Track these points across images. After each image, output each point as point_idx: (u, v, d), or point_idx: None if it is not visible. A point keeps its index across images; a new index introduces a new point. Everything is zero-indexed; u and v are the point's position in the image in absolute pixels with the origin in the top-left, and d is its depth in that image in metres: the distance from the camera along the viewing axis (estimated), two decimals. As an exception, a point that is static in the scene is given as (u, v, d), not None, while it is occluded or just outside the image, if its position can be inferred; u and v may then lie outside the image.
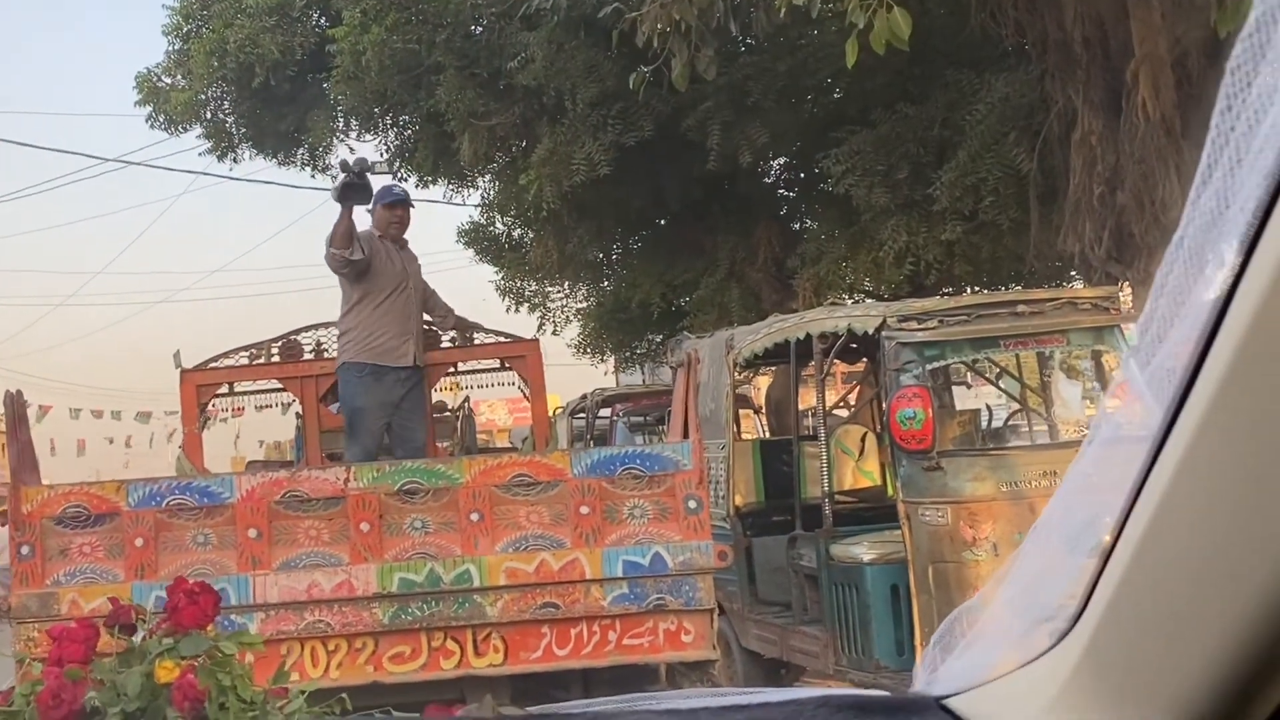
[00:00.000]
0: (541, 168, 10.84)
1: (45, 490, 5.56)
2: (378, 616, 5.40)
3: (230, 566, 5.40)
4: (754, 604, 7.72)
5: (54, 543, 5.43)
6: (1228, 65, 0.59)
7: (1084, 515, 1.03)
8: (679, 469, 5.48)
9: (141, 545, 5.40)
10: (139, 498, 5.46)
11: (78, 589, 5.34)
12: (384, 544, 5.48)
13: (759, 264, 12.62)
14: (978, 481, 5.94)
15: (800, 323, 7.23)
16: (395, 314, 6.71)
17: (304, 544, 5.47)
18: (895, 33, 5.88)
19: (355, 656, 5.42)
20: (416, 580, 5.41)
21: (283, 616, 5.37)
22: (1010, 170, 9.03)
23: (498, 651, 5.45)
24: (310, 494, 5.51)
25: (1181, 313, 0.72)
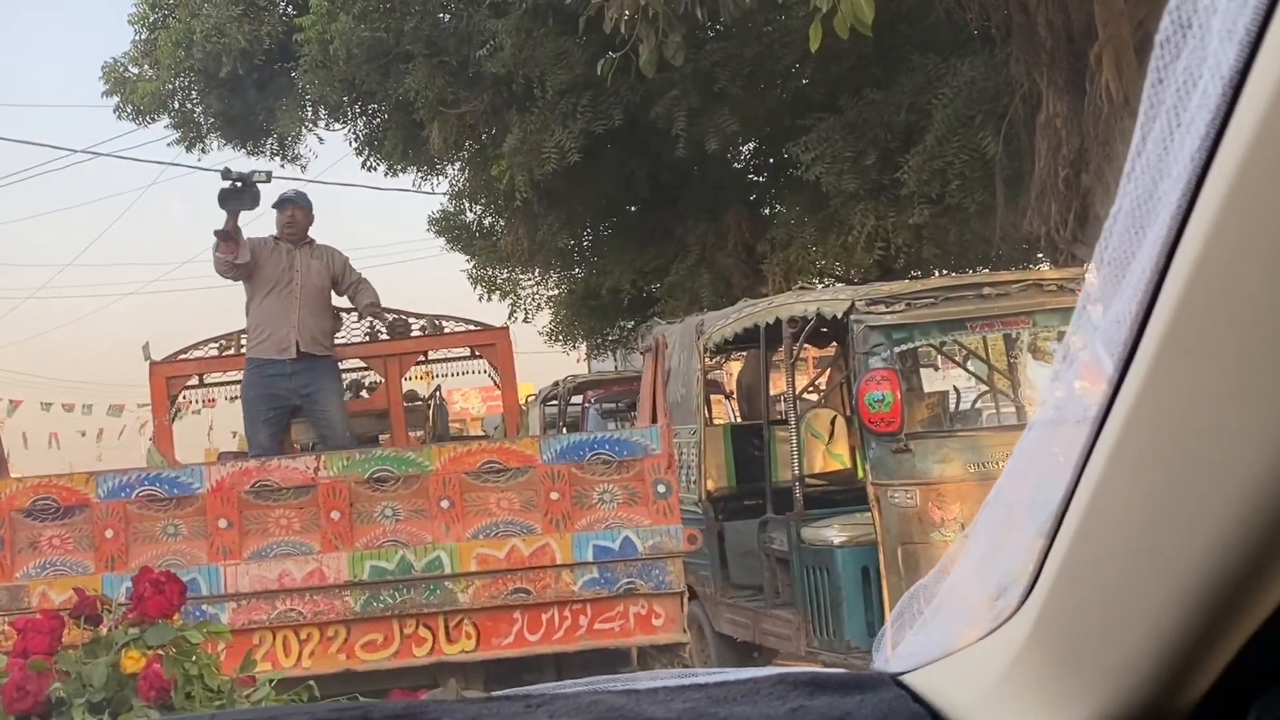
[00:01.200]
0: (512, 156, 10.83)
1: (14, 483, 5.56)
2: (349, 604, 5.40)
3: (201, 557, 5.38)
4: (726, 588, 7.73)
5: (23, 535, 5.43)
6: (1156, 39, 0.59)
7: (1035, 489, 1.03)
8: (648, 454, 5.51)
9: (112, 537, 5.39)
10: (109, 489, 5.44)
11: (47, 581, 5.31)
12: (355, 532, 5.48)
13: (729, 249, 12.65)
14: (945, 463, 5.97)
15: (769, 307, 7.24)
16: (277, 308, 6.80)
17: (275, 533, 5.47)
18: (859, 17, 5.87)
19: (327, 645, 5.42)
20: (388, 568, 5.42)
21: (254, 606, 5.36)
22: (976, 154, 9.07)
23: (470, 638, 5.47)
24: (280, 483, 5.51)
25: (1119, 288, 0.72)
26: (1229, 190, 0.57)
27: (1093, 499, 0.79)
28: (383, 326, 7.79)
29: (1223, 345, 0.62)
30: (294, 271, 6.86)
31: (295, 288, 6.86)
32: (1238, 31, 0.53)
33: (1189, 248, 0.61)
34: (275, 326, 6.82)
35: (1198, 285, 0.61)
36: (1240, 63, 0.54)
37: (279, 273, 6.86)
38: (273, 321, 6.84)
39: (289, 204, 7.04)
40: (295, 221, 7.01)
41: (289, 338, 6.78)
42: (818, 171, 9.95)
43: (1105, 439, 0.76)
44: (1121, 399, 0.73)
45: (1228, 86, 0.55)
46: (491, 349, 8.01)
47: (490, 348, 8.02)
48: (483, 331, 8.07)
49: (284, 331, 6.80)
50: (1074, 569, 0.84)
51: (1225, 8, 0.54)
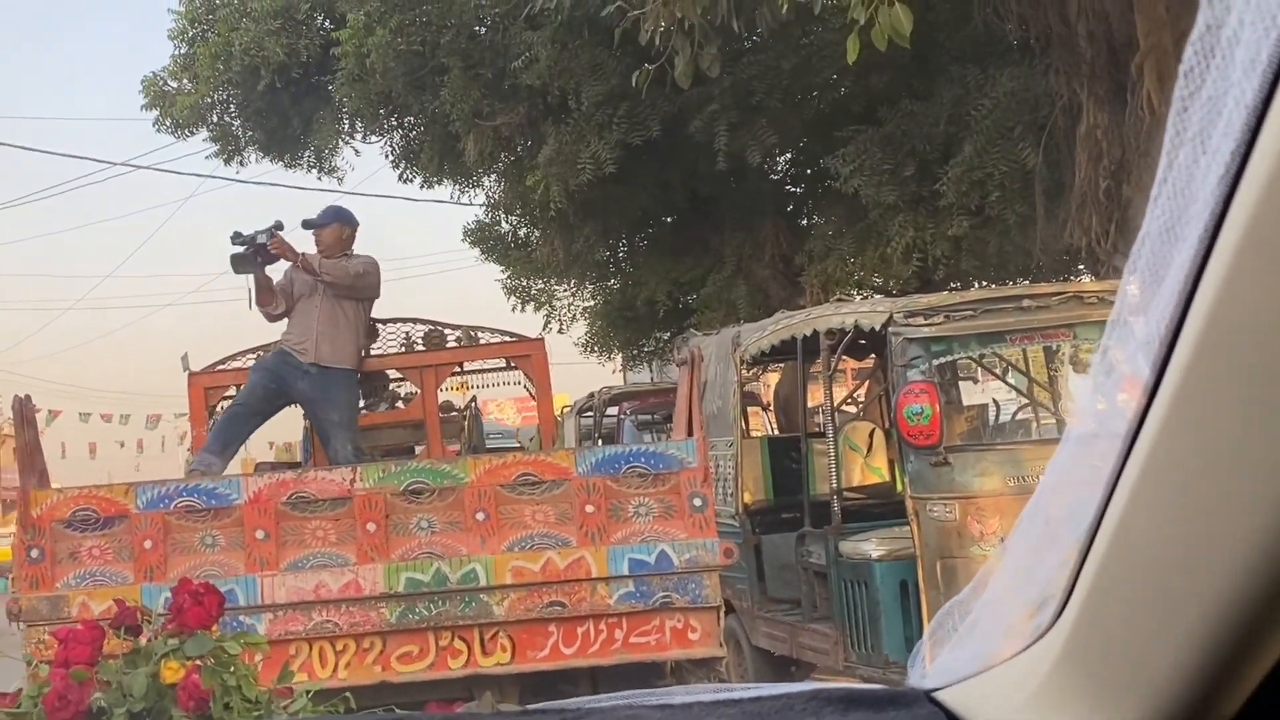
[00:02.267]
0: (548, 167, 10.88)
1: (54, 494, 5.64)
2: (385, 616, 5.43)
3: (238, 567, 5.43)
4: (763, 601, 7.73)
5: (63, 546, 5.48)
6: (1180, 68, 0.61)
7: (1069, 505, 1.04)
8: (684, 467, 5.49)
9: (150, 547, 5.45)
10: (147, 500, 5.50)
11: (87, 591, 5.36)
12: (390, 544, 5.50)
13: (766, 261, 12.63)
14: (985, 476, 5.95)
15: (807, 319, 7.24)
16: (302, 322, 7.03)
17: (311, 544, 5.51)
18: (897, 29, 5.88)
19: (363, 656, 5.44)
20: (423, 580, 5.43)
21: (290, 617, 5.39)
22: (1016, 165, 9.03)
23: (505, 650, 5.48)
24: (317, 495, 5.54)
25: (1152, 302, 0.74)
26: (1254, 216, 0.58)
27: (1126, 513, 0.81)
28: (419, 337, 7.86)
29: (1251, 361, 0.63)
30: (319, 288, 7.01)
31: (318, 299, 7.01)
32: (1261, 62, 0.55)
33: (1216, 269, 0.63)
34: (297, 334, 7.03)
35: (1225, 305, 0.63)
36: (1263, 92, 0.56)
37: (305, 289, 7.06)
38: (296, 333, 7.05)
39: (311, 226, 7.22)
40: (320, 241, 7.16)
41: (307, 345, 6.96)
42: (856, 183, 9.94)
43: (1138, 453, 0.77)
44: (1154, 414, 0.74)
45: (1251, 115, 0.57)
46: (527, 360, 8.04)
47: (526, 359, 8.05)
48: (518, 343, 8.09)
49: (303, 339, 6.98)
50: (1108, 583, 0.85)
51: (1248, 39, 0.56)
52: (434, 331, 7.94)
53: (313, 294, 7.04)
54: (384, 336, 7.96)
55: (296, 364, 6.97)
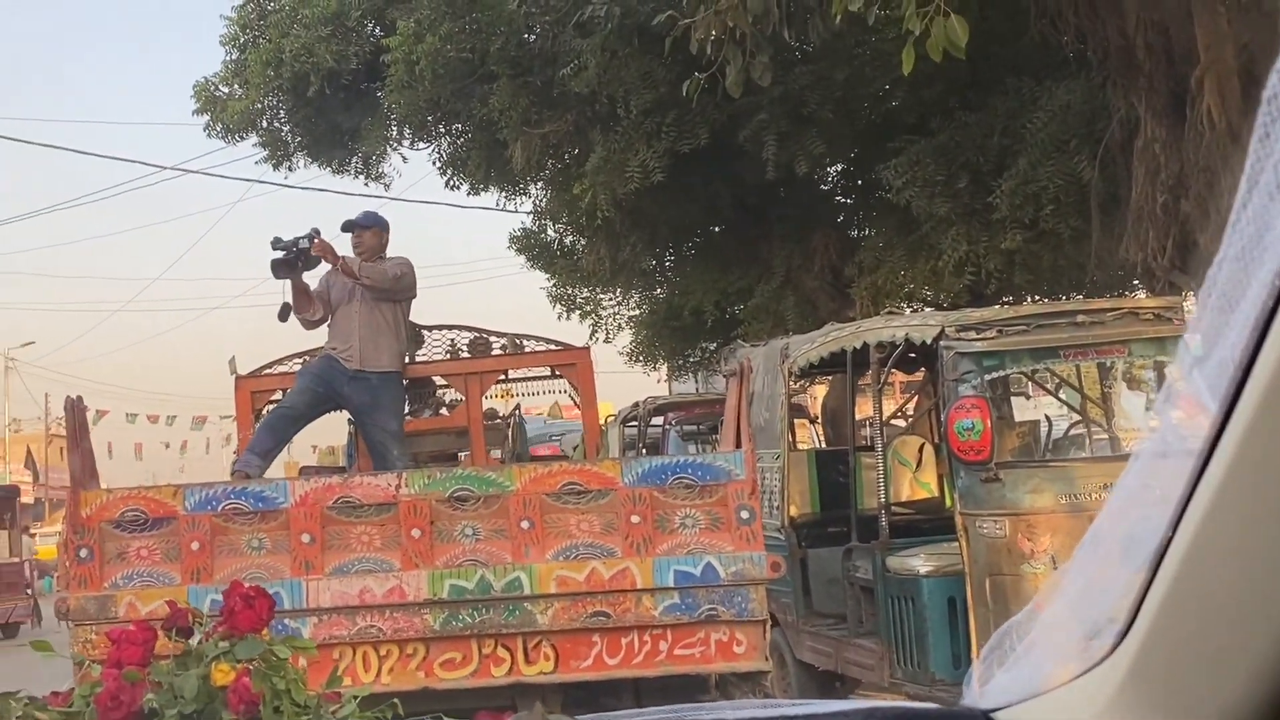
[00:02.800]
0: (595, 175, 10.92)
1: (103, 494, 5.69)
2: (429, 622, 5.43)
3: (284, 571, 5.45)
4: (808, 615, 7.71)
5: (112, 546, 5.54)
6: (1264, 94, 0.62)
7: (1134, 527, 1.04)
8: (731, 479, 5.46)
9: (197, 549, 5.49)
10: (195, 502, 5.55)
11: (135, 592, 5.42)
12: (435, 550, 5.51)
13: (815, 272, 12.57)
14: (1036, 493, 5.90)
15: (857, 331, 7.21)
16: (342, 328, 7.12)
17: (356, 549, 5.53)
18: (952, 40, 5.86)
19: (406, 662, 5.45)
20: (467, 587, 5.44)
21: (335, 621, 5.42)
22: (1071, 178, 8.96)
23: (548, 659, 5.47)
24: (362, 500, 5.57)
25: (1226, 326, 0.74)
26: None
27: (1195, 538, 0.81)
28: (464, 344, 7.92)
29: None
30: (358, 290, 7.09)
31: (356, 306, 7.10)
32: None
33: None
34: (342, 343, 7.11)
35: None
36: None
37: (344, 295, 7.14)
38: (338, 339, 7.14)
39: (353, 228, 7.29)
40: (361, 243, 7.22)
41: (352, 352, 7.04)
42: (908, 195, 9.89)
43: (1209, 478, 0.77)
44: (1226, 440, 0.75)
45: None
46: (572, 369, 8.05)
47: (571, 367, 8.06)
48: (564, 351, 8.13)
49: (347, 345, 7.06)
50: (1174, 608, 0.85)
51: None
52: (479, 339, 7.99)
53: (351, 300, 7.12)
54: (429, 343, 8.02)
55: (342, 369, 7.05)
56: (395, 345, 7.25)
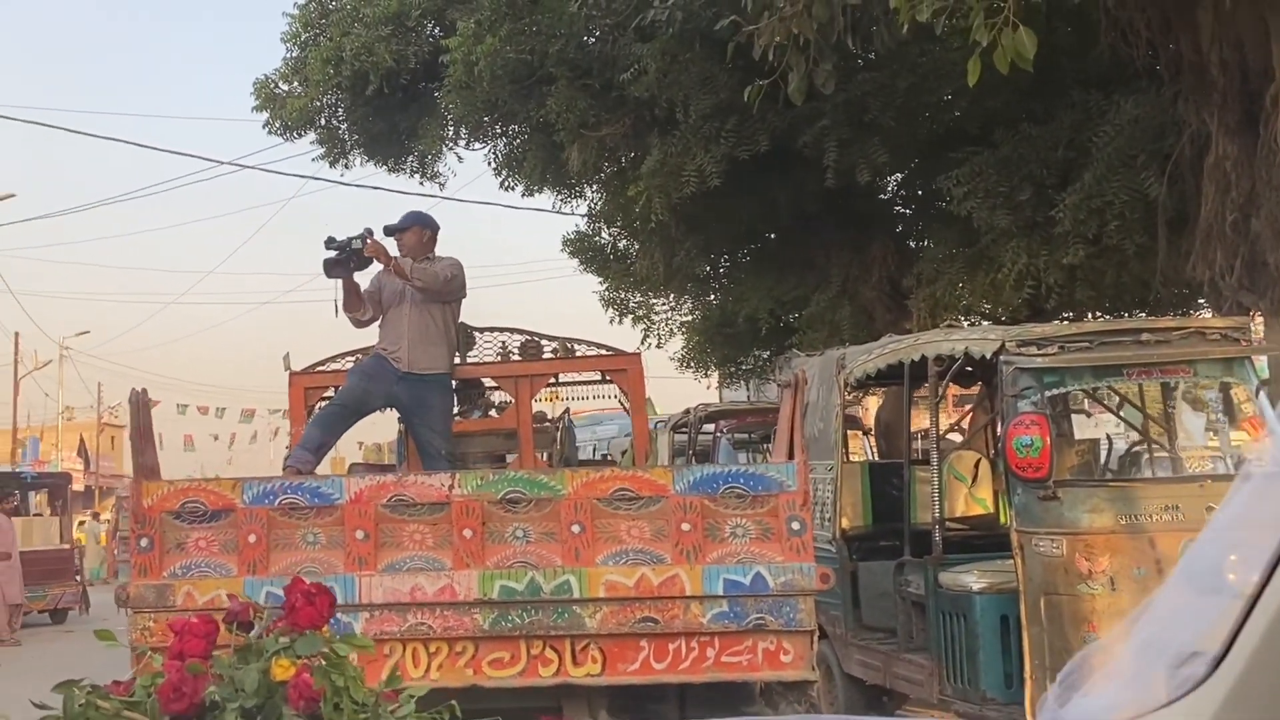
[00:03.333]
0: (651, 179, 10.90)
1: (165, 485, 5.81)
2: (478, 622, 5.54)
3: (338, 566, 5.57)
4: (858, 629, 7.70)
5: (171, 536, 5.67)
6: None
7: (1228, 556, 1.04)
8: (783, 490, 5.50)
9: (254, 541, 5.61)
10: (253, 495, 5.68)
11: (192, 582, 5.56)
12: (486, 551, 5.62)
13: (873, 282, 12.50)
14: (1095, 513, 5.85)
15: (915, 344, 7.18)
16: (392, 329, 7.26)
17: (409, 547, 5.63)
18: (1020, 52, 5.82)
19: (455, 659, 5.55)
20: (517, 588, 5.54)
21: (386, 617, 5.53)
22: (1138, 194, 8.86)
23: (595, 662, 5.54)
24: (416, 498, 5.67)
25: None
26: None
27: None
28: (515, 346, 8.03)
29: None
30: (407, 292, 7.21)
31: (406, 308, 7.22)
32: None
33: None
34: (391, 341, 7.25)
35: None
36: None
37: (394, 296, 7.27)
38: (388, 340, 7.27)
39: (393, 231, 7.39)
40: (406, 245, 7.31)
41: (401, 353, 7.18)
42: (969, 206, 9.82)
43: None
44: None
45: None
46: (623, 374, 8.13)
47: (622, 373, 8.14)
48: (615, 356, 8.20)
49: (396, 345, 7.20)
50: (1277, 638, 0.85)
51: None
52: (531, 342, 8.09)
53: (401, 301, 7.24)
54: (480, 344, 8.13)
55: (392, 369, 7.18)
56: (444, 347, 7.36)
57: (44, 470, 29.94)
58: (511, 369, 8.04)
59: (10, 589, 17.03)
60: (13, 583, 17.10)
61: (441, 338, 7.34)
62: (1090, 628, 5.72)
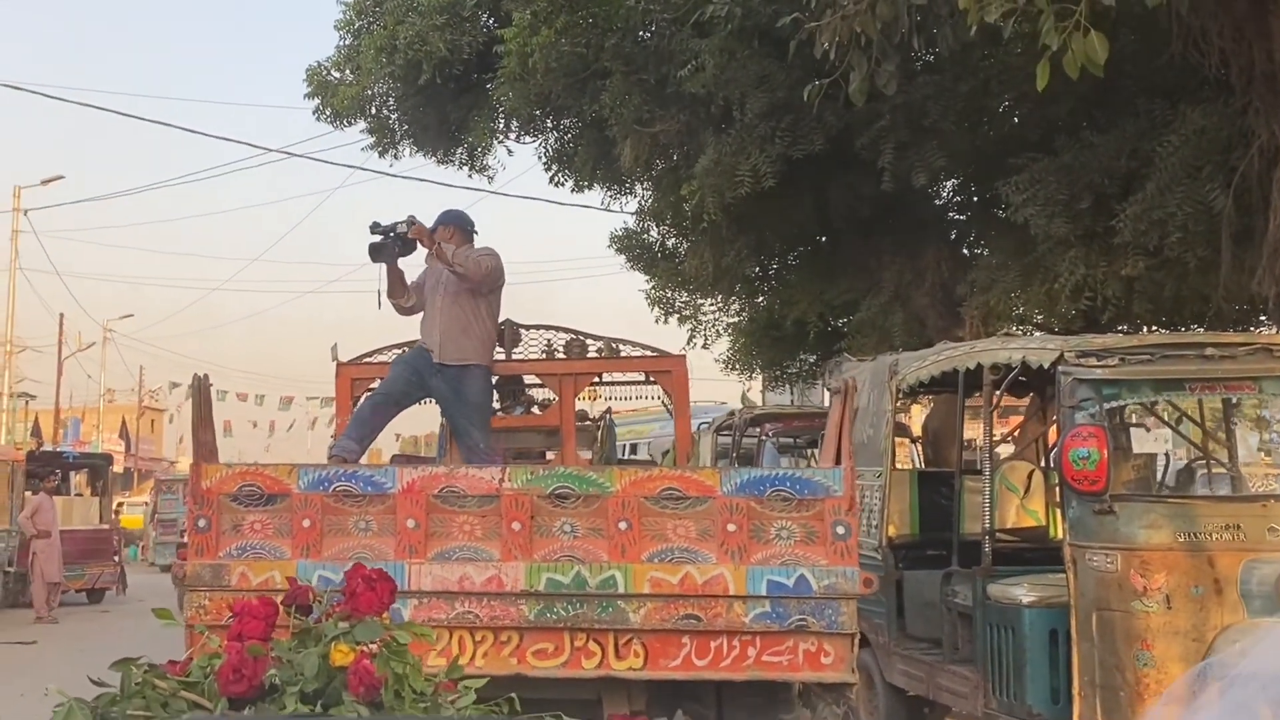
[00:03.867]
0: (704, 178, 10.89)
1: (223, 469, 5.98)
2: (524, 612, 5.67)
3: (388, 553, 5.69)
4: (901, 639, 7.68)
5: (228, 518, 5.84)
6: None
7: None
8: (829, 494, 5.60)
9: (308, 526, 5.77)
10: (308, 481, 5.83)
11: (247, 563, 5.72)
12: (534, 544, 5.75)
13: (925, 289, 12.45)
14: (1153, 529, 5.81)
15: (971, 351, 7.16)
16: (429, 322, 7.51)
17: (458, 537, 5.78)
18: (1090, 57, 5.80)
19: (500, 648, 5.69)
20: (563, 581, 5.67)
21: (434, 604, 5.66)
22: (1202, 206, 8.77)
23: (638, 656, 5.65)
24: (467, 490, 5.81)
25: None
26: None
27: None
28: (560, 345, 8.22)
29: None
30: (440, 286, 7.45)
31: (439, 301, 7.44)
32: None
33: None
34: (427, 336, 7.51)
35: None
36: None
37: (432, 290, 7.51)
38: (426, 332, 7.53)
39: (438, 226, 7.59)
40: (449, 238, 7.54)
41: (434, 346, 7.43)
42: (1028, 213, 9.75)
43: None
44: None
45: None
46: (667, 376, 8.27)
47: (666, 375, 8.29)
48: (660, 358, 8.33)
49: (431, 341, 7.45)
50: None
51: None
52: (576, 341, 8.25)
53: (435, 294, 7.45)
54: (526, 342, 8.30)
55: (429, 361, 7.40)
56: (477, 338, 7.49)
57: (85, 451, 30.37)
58: (557, 367, 8.20)
59: (49, 567, 17.31)
60: (51, 561, 17.37)
61: (476, 329, 7.49)
62: (1143, 645, 5.68)
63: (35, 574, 17.27)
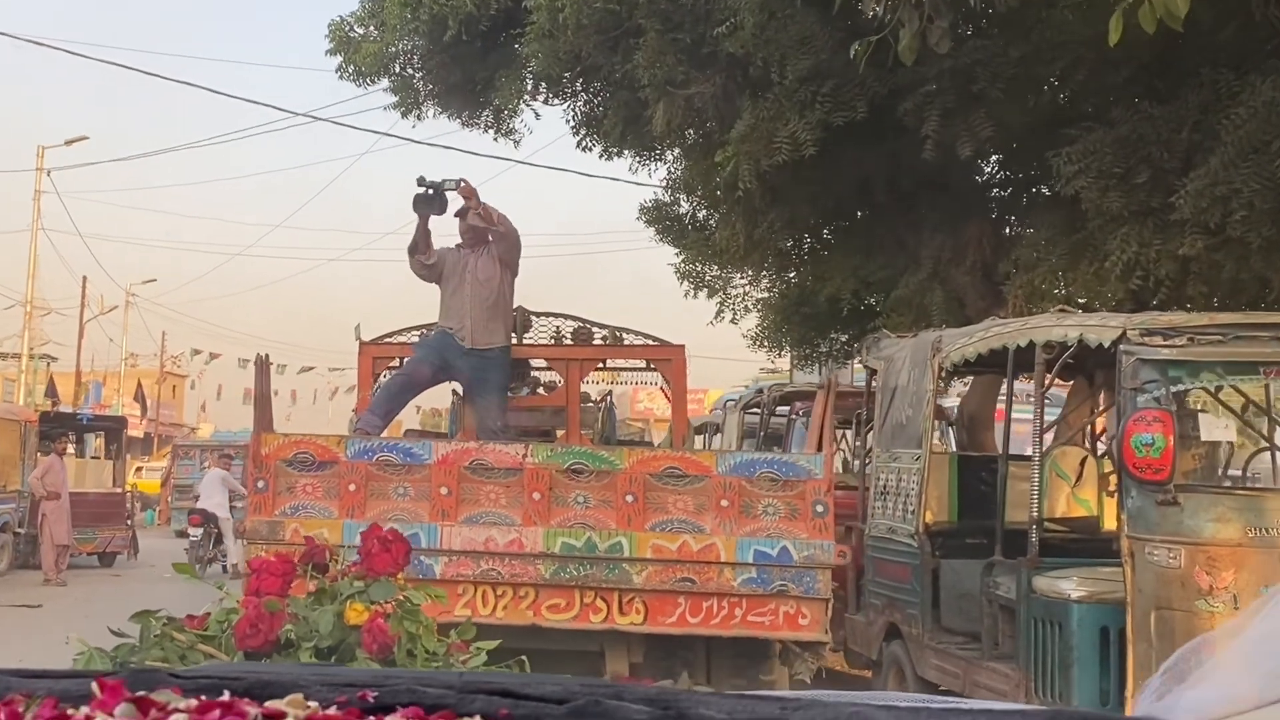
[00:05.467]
0: (740, 144, 10.60)
1: (280, 437, 7.07)
2: (540, 571, 6.76)
3: (423, 516, 6.75)
4: (936, 631, 7.51)
5: (282, 481, 6.88)
6: None
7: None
8: (811, 477, 6.74)
9: (353, 490, 6.81)
10: (355, 451, 6.94)
11: (299, 521, 6.70)
12: (551, 512, 6.82)
13: (966, 267, 12.15)
14: (1221, 523, 5.56)
15: (1024, 328, 6.91)
16: (455, 307, 8.24)
17: (484, 504, 6.83)
18: (1170, 9, 5.52)
19: (518, 602, 6.75)
20: (576, 545, 6.75)
21: (462, 562, 6.76)
22: (1270, 183, 8.45)
23: (639, 613, 6.75)
24: (494, 464, 6.88)
25: None
26: None
27: None
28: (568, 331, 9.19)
29: None
30: (467, 273, 8.16)
31: (466, 288, 8.14)
32: None
33: None
34: (455, 322, 8.23)
35: None
36: None
37: (457, 276, 8.20)
38: (452, 319, 8.25)
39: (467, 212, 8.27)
40: (474, 228, 8.28)
41: (464, 330, 8.14)
42: (1080, 185, 9.42)
43: None
44: None
45: None
46: (667, 364, 9.33)
47: (666, 362, 9.33)
48: (660, 347, 9.33)
49: (459, 324, 8.16)
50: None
51: None
52: (582, 328, 9.24)
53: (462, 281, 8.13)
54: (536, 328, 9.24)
55: (457, 346, 8.13)
56: (503, 323, 8.34)
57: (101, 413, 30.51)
58: (563, 352, 9.21)
59: (58, 529, 17.36)
60: (60, 523, 17.42)
61: (501, 315, 8.28)
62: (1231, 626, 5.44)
63: (44, 536, 17.38)
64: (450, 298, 8.20)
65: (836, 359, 16.14)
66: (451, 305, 8.21)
